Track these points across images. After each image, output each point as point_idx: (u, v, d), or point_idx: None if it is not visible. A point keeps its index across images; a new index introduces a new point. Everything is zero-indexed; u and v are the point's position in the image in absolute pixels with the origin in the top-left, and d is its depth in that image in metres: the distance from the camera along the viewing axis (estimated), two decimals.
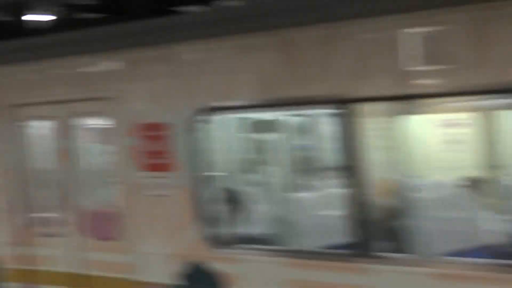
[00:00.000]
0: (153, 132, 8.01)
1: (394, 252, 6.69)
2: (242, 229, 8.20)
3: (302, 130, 8.90)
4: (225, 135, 8.35)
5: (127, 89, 8.23)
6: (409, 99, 6.43)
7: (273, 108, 7.61)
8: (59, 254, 9.02)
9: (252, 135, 8.74)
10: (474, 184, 8.03)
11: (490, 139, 7.95)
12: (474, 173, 8.08)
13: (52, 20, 10.13)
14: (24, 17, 10.35)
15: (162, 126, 7.94)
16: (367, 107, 6.72)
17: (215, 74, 7.59)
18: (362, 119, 6.75)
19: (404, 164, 6.57)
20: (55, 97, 8.89)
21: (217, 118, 7.82)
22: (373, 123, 6.90)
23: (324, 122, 8.40)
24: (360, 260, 6.74)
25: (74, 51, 8.80)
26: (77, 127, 8.84)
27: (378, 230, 6.86)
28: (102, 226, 8.70)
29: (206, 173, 7.78)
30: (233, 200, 8.37)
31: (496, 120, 7.88)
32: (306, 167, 8.94)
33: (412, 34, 6.37)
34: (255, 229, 8.31)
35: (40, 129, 9.37)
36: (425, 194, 6.86)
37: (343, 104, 6.74)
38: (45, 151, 9.30)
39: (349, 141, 6.78)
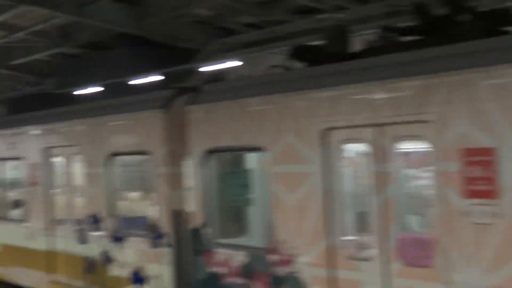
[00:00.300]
0: (477, 157, 7.72)
1: None
2: None
3: None
4: None
5: (449, 112, 8.02)
6: None
7: None
8: (364, 278, 8.95)
9: None
10: None
11: None
12: None
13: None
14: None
15: (487, 151, 7.65)
16: None
17: None
18: None
19: None
20: (370, 120, 8.88)
21: None
22: None
23: None
24: None
25: (393, 74, 8.74)
26: (393, 150, 8.74)
27: None
28: (414, 252, 8.51)
29: None
30: None
31: None
32: None
33: None
34: None
35: (352, 152, 9.42)
36: None
37: None
38: (357, 174, 9.32)
39: None
